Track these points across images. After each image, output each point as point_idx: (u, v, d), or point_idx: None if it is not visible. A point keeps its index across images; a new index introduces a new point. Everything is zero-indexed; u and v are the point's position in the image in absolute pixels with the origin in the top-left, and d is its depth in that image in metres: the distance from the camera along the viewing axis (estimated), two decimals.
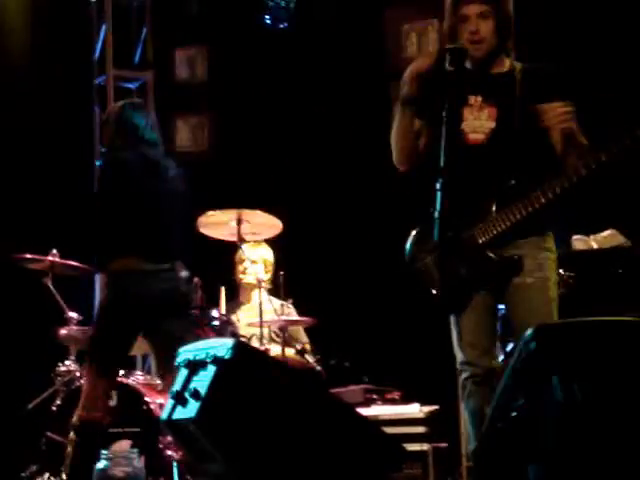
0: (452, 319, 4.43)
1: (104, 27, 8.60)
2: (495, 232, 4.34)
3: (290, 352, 6.69)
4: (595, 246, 5.57)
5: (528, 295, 4.37)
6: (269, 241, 7.05)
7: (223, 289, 6.49)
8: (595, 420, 3.39)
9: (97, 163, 8.60)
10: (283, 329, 6.67)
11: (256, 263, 7.05)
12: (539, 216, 4.34)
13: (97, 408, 5.23)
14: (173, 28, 8.65)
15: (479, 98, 4.41)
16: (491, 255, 4.35)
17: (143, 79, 8.71)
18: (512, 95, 4.39)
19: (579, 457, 3.39)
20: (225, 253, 6.99)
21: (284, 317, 6.70)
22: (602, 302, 5.12)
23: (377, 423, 5.25)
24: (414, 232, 4.62)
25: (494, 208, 4.35)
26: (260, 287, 6.57)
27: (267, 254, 7.16)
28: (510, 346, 4.98)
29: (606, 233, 5.62)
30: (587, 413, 3.40)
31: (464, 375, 4.42)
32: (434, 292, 4.42)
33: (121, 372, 6.30)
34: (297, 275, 6.92)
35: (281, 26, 8.15)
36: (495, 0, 4.36)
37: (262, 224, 6.58)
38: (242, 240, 6.50)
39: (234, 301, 7.13)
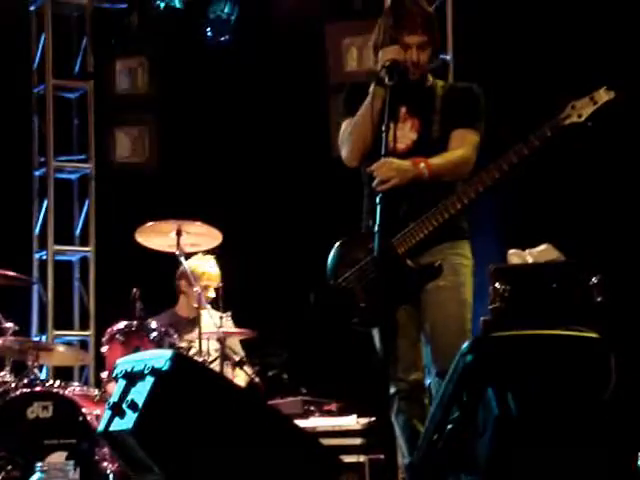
0: (376, 335, 4.45)
1: (43, 36, 8.55)
2: (414, 241, 4.40)
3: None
4: (530, 260, 5.63)
5: (442, 297, 4.42)
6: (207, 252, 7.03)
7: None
8: (529, 431, 3.45)
9: (35, 173, 8.56)
10: (221, 341, 6.67)
11: (202, 280, 6.93)
12: (454, 222, 4.44)
13: None
14: (114, 39, 8.61)
15: (403, 109, 4.53)
16: (411, 265, 4.40)
17: (83, 89, 8.67)
18: (432, 108, 4.54)
19: (514, 468, 3.44)
20: (163, 263, 6.95)
21: (223, 329, 6.69)
22: (537, 316, 5.19)
23: (314, 435, 5.27)
24: (336, 246, 4.66)
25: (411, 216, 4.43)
26: (200, 306, 6.54)
27: (214, 268, 7.07)
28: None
29: (541, 248, 5.69)
30: (521, 425, 3.45)
31: (392, 390, 4.44)
32: (356, 307, 4.45)
33: (57, 383, 6.27)
34: (234, 287, 6.91)
35: (222, 39, 8.16)
36: (431, 30, 4.54)
37: (202, 235, 6.59)
38: (182, 251, 6.49)
39: (171, 312, 7.11)
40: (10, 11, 8.40)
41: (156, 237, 6.57)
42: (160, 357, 4.26)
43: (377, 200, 4.24)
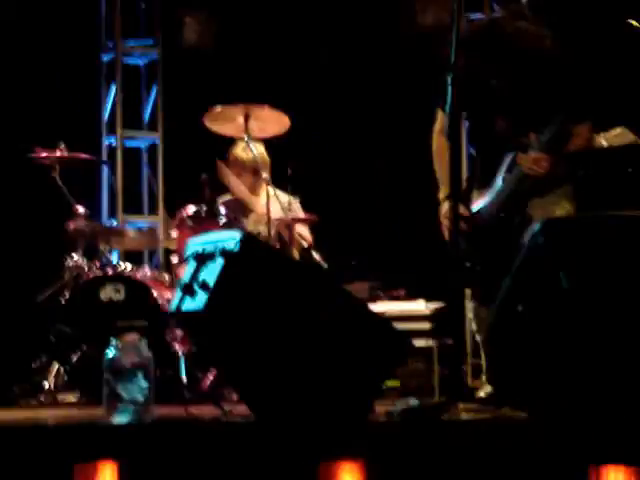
0: None
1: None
2: None
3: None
4: (605, 144, 5.53)
5: None
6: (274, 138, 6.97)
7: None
8: (599, 309, 3.43)
9: (103, 57, 8.53)
10: (290, 226, 6.66)
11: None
12: None
13: None
14: None
15: None
16: None
17: None
18: None
19: (584, 349, 3.43)
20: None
21: (291, 214, 6.67)
22: (613, 200, 5.12)
23: (385, 318, 5.28)
24: None
25: None
26: (267, 184, 6.52)
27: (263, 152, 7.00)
28: None
29: (616, 131, 5.58)
30: (592, 305, 3.43)
31: None
32: None
33: (129, 267, 6.34)
34: (302, 172, 6.88)
35: None
36: None
37: (270, 120, 6.54)
38: (249, 136, 6.46)
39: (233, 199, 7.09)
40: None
41: (224, 122, 6.54)
42: (230, 239, 4.27)
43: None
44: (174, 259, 6.39)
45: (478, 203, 4.71)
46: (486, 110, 4.64)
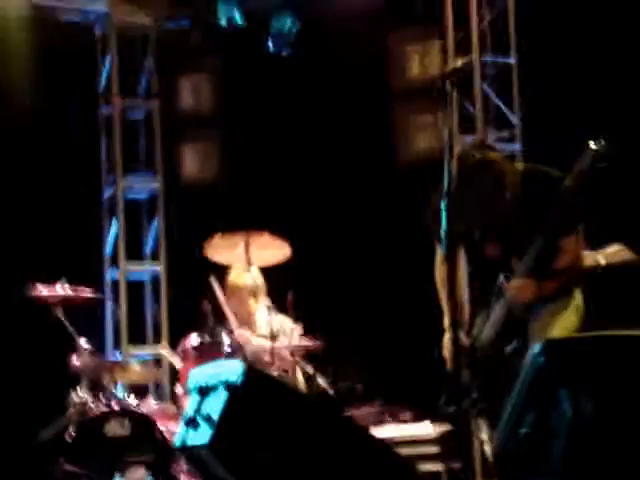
0: None
1: (109, 58, 8.66)
2: None
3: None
4: (603, 262, 5.55)
5: None
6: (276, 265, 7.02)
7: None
8: (604, 433, 3.41)
9: (104, 193, 8.66)
10: (293, 354, 6.65)
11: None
12: None
13: None
14: (178, 57, 8.70)
15: None
16: None
17: (149, 108, 8.77)
18: None
19: (589, 471, 3.40)
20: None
21: (295, 342, 6.67)
22: (613, 317, 5.12)
23: (390, 444, 5.25)
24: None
25: None
26: (271, 311, 6.53)
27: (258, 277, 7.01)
28: None
29: (613, 248, 5.61)
30: (596, 427, 3.41)
31: None
32: None
33: (133, 400, 6.32)
34: (302, 298, 6.92)
35: (284, 53, 8.20)
36: None
37: (270, 247, 6.59)
38: (250, 264, 6.50)
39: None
40: (75, 37, 8.50)
41: (225, 250, 6.60)
42: (233, 370, 4.28)
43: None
44: (178, 390, 6.37)
45: (480, 329, 4.70)
46: (476, 236, 4.65)
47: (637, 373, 3.53)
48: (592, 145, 4.34)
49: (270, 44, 8.21)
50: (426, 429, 6.28)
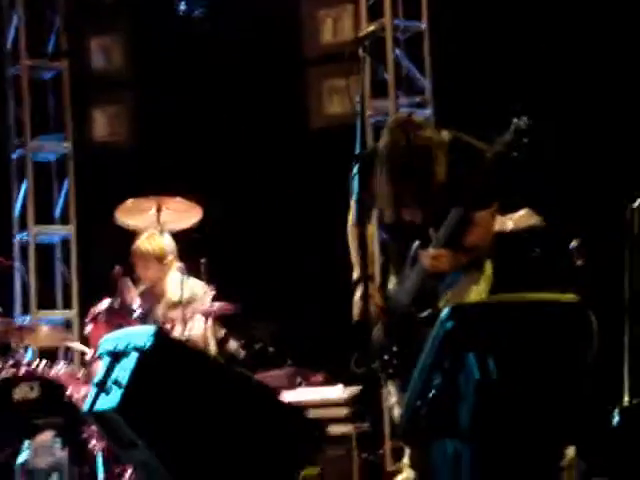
0: None
1: (15, 16, 8.49)
2: None
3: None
4: (510, 225, 5.64)
5: None
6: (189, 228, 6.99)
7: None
8: (508, 394, 3.48)
9: (12, 155, 8.52)
10: (206, 316, 6.65)
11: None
12: None
13: None
14: (88, 17, 8.57)
15: None
16: None
17: (58, 69, 8.62)
18: None
19: (495, 432, 3.47)
20: None
21: (208, 305, 6.66)
22: (518, 281, 5.21)
23: (300, 407, 5.29)
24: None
25: None
26: (183, 273, 6.52)
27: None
28: None
29: (521, 213, 5.70)
30: (501, 388, 3.48)
31: None
32: None
33: (42, 364, 6.27)
34: (216, 262, 6.91)
35: (196, 12, 8.13)
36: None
37: (182, 211, 6.57)
38: (162, 228, 6.47)
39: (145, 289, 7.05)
40: None
41: (136, 215, 6.56)
42: (142, 334, 4.28)
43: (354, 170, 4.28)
44: (88, 354, 6.34)
45: (393, 289, 4.74)
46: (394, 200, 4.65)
47: (538, 335, 3.62)
48: (516, 120, 4.39)
49: (182, 5, 8.13)
50: (337, 392, 6.33)
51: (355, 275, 4.74)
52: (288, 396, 5.73)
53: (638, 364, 4.48)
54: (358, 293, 4.64)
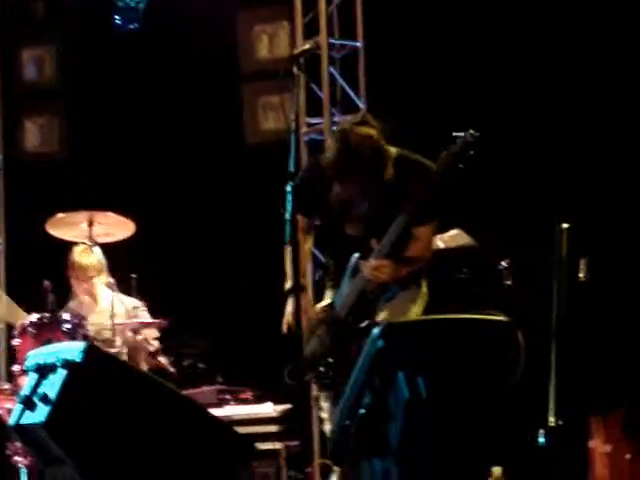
0: None
1: None
2: None
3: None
4: (442, 245, 5.69)
5: None
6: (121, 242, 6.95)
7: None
8: (438, 414, 3.50)
9: None
10: (135, 331, 6.62)
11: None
12: None
13: None
14: (20, 29, 8.50)
15: None
16: None
17: None
18: None
19: (423, 451, 3.49)
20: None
21: (137, 319, 6.64)
22: (449, 300, 5.26)
23: (228, 423, 5.29)
24: None
25: None
26: (113, 289, 6.50)
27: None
28: None
29: (452, 232, 5.75)
30: (430, 408, 3.50)
31: None
32: None
33: None
34: (147, 277, 6.87)
35: (131, 27, 8.09)
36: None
37: (114, 225, 6.54)
38: (94, 241, 6.44)
39: (75, 301, 7.00)
40: None
41: (67, 228, 6.51)
42: (72, 349, 4.24)
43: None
44: (15, 368, 6.25)
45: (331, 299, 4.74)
46: (334, 215, 4.66)
47: (468, 355, 3.65)
48: (462, 133, 4.42)
49: (117, 18, 8.09)
50: (266, 409, 6.33)
51: (287, 286, 4.73)
52: (217, 412, 5.72)
53: (563, 385, 4.55)
54: (290, 304, 4.65)
